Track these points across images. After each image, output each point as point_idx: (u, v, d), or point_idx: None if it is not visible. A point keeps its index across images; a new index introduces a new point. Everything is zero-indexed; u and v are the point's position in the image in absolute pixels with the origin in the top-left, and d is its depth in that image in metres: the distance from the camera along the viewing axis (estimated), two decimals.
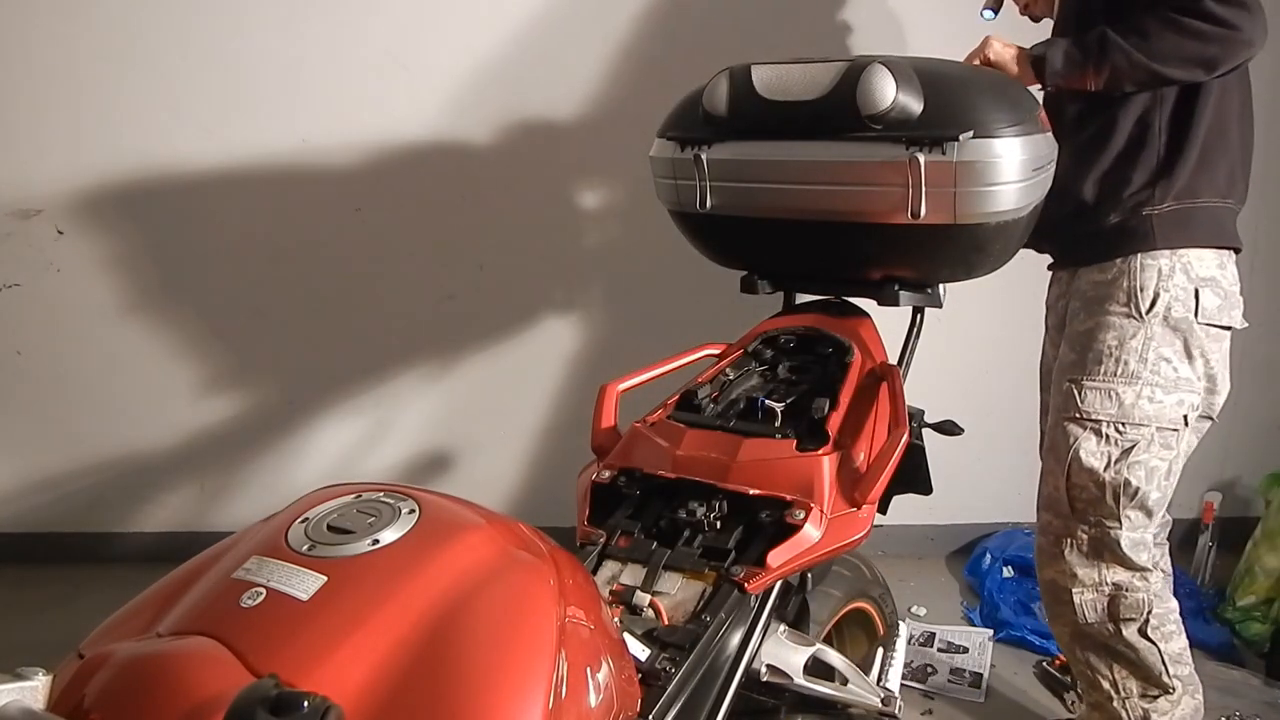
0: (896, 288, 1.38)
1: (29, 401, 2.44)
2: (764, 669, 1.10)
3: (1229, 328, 1.46)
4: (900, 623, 1.50)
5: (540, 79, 2.23)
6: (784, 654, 1.12)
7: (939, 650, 2.17)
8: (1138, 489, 1.43)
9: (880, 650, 1.39)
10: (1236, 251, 1.47)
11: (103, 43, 2.17)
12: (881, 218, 1.26)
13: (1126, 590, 1.48)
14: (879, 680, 1.33)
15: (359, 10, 2.17)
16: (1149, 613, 1.48)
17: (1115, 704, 1.53)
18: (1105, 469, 1.43)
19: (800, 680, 1.11)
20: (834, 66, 1.25)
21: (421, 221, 2.32)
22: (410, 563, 0.73)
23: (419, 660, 0.66)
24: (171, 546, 1.52)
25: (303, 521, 0.76)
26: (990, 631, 2.21)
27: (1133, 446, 1.42)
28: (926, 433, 1.37)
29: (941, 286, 1.43)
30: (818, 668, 1.15)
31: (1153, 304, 1.40)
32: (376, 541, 0.74)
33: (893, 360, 1.39)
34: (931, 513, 2.44)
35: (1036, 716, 1.98)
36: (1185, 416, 1.44)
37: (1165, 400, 1.42)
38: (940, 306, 1.44)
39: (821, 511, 1.08)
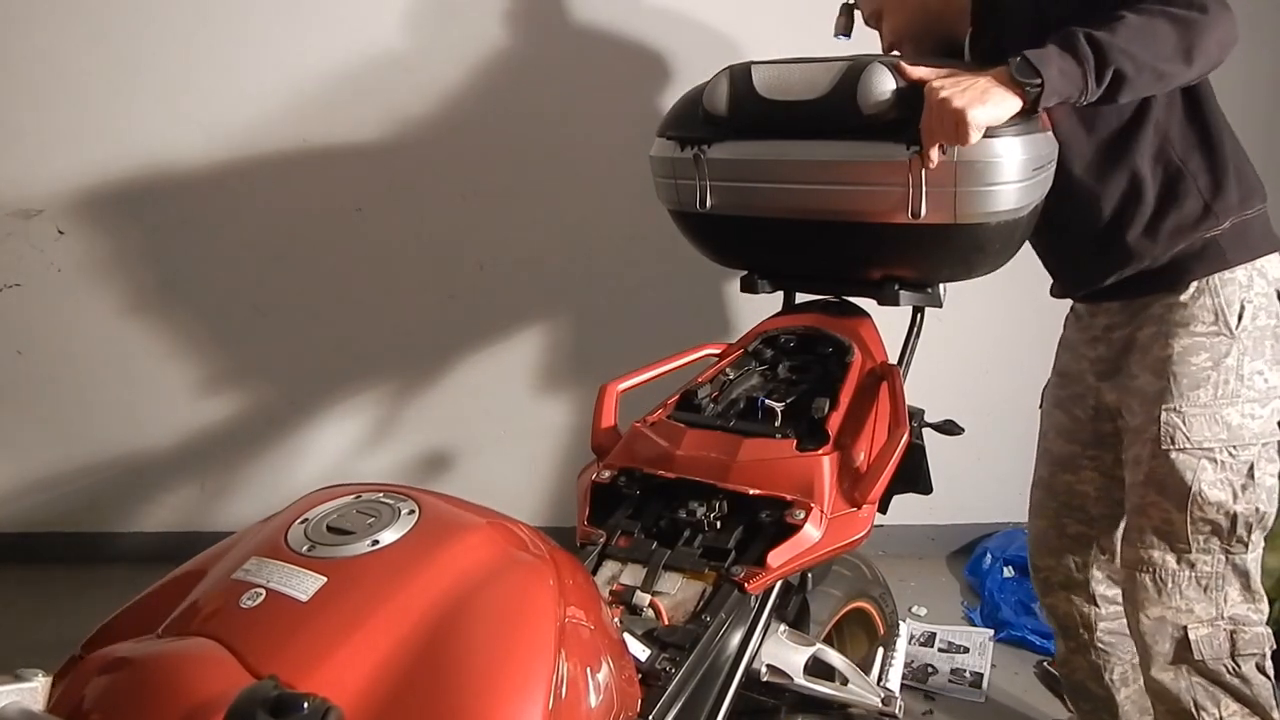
0: (896, 287, 1.38)
1: (29, 401, 2.44)
2: (764, 669, 1.10)
3: None
4: (900, 623, 1.50)
5: (540, 79, 2.22)
6: (784, 654, 1.12)
7: (939, 650, 2.16)
8: (1265, 513, 1.38)
9: (880, 650, 1.39)
10: None
11: (103, 43, 2.17)
12: (881, 217, 1.26)
13: (1244, 624, 1.41)
14: (879, 680, 1.33)
15: (359, 10, 2.17)
16: (1267, 647, 1.42)
17: None
18: (1234, 501, 1.36)
19: (800, 680, 1.11)
20: (834, 66, 1.24)
21: (421, 221, 2.32)
22: (410, 563, 0.73)
23: (419, 661, 0.66)
24: (171, 546, 1.52)
25: (302, 522, 0.76)
26: (991, 631, 2.20)
27: (1250, 468, 1.36)
28: (926, 433, 1.37)
29: (941, 286, 1.43)
30: (818, 668, 1.15)
31: (1240, 317, 1.35)
32: (376, 542, 0.74)
33: (893, 360, 1.39)
34: (931, 513, 2.44)
35: (1037, 717, 1.98)
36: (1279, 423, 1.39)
37: (1263, 414, 1.36)
38: (940, 306, 1.44)
39: (821, 511, 1.08)
